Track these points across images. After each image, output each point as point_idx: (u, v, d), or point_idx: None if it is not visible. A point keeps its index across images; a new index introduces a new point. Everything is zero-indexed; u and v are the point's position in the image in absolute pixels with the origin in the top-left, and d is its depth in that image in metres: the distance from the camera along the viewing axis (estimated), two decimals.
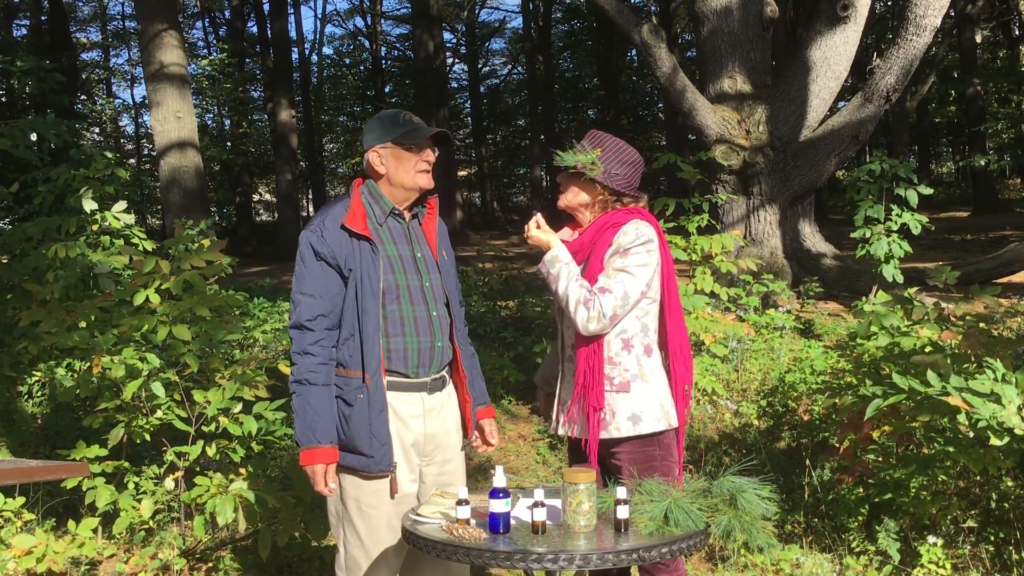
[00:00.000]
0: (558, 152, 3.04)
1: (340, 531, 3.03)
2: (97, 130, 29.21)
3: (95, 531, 4.35)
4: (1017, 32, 25.39)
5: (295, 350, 2.89)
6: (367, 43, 35.37)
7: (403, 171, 3.01)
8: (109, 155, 6.08)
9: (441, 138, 3.12)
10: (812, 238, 9.58)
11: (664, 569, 2.93)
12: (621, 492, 2.48)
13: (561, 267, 2.98)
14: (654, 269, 2.99)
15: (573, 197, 3.09)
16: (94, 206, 5.56)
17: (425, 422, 3.04)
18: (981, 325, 4.35)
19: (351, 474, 2.94)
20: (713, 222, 7.12)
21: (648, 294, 3.00)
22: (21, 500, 4.37)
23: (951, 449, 3.93)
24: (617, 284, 2.91)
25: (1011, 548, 4.07)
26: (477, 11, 34.82)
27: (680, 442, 3.06)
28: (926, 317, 4.58)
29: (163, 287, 4.32)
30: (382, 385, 2.92)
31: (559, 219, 3.23)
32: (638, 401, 2.94)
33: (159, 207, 15.88)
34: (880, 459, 4.49)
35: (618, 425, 2.94)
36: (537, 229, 3.06)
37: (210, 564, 4.44)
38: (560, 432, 3.11)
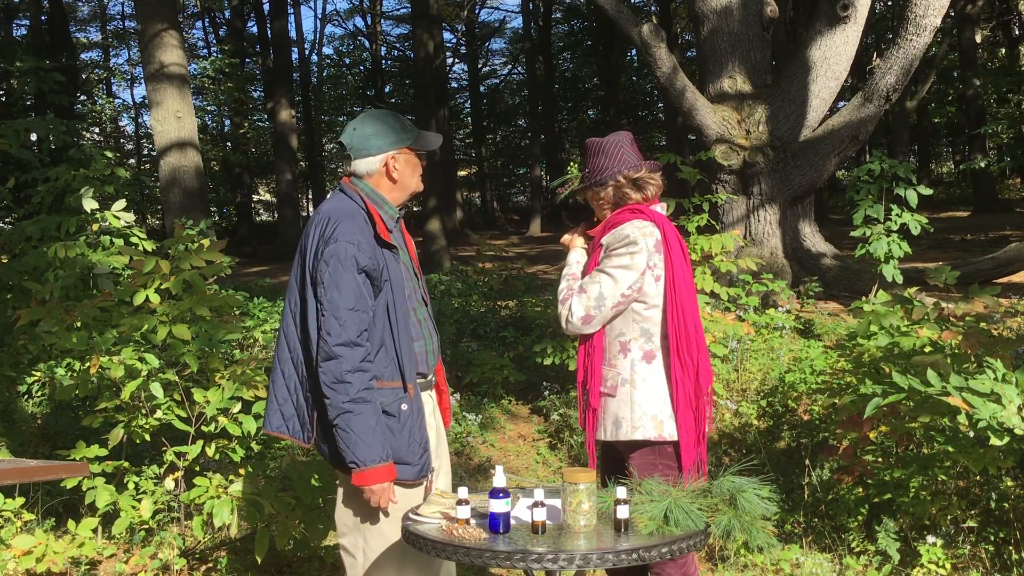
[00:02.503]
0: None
1: (358, 540, 2.96)
2: (97, 130, 29.19)
3: (95, 531, 4.34)
4: (1017, 32, 25.37)
5: (347, 368, 2.75)
6: (367, 43, 35.42)
7: (413, 177, 3.05)
8: (109, 155, 6.08)
9: None
10: (812, 238, 9.57)
11: (671, 563, 2.93)
12: (621, 492, 2.48)
13: (565, 267, 3.14)
14: (641, 272, 2.93)
15: (594, 208, 3.19)
16: (94, 205, 5.55)
17: (434, 419, 3.10)
18: (981, 325, 4.34)
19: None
20: (713, 222, 7.12)
21: (640, 298, 2.95)
22: (21, 500, 4.37)
23: (951, 449, 3.93)
24: (593, 285, 2.94)
25: (1011, 548, 4.07)
26: (477, 11, 34.85)
27: (686, 454, 2.91)
28: (926, 317, 4.57)
29: (163, 287, 4.32)
30: (419, 391, 2.94)
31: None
32: (621, 406, 2.94)
33: (159, 207, 15.87)
34: (880, 459, 4.49)
35: (605, 427, 2.97)
36: (569, 235, 3.25)
37: (210, 564, 4.44)
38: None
